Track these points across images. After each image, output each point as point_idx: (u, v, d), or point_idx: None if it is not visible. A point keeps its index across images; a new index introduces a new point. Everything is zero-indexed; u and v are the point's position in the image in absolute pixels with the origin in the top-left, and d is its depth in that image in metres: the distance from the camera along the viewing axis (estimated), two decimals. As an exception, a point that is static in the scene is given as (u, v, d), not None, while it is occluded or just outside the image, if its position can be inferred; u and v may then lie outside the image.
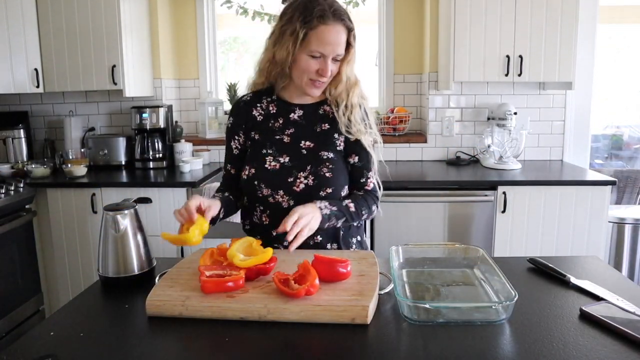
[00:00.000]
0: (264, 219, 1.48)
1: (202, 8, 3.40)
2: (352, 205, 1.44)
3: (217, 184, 2.71)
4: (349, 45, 1.39)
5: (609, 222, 2.97)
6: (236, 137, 1.52)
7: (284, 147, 1.46)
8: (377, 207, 1.52)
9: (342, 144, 1.48)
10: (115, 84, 2.93)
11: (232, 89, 3.31)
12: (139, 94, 3.09)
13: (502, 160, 2.99)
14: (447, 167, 3.08)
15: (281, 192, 1.43)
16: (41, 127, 3.42)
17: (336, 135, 1.47)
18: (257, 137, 1.48)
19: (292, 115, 1.48)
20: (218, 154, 3.37)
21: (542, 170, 2.96)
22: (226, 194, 1.53)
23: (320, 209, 1.34)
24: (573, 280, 1.20)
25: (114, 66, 2.92)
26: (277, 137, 1.47)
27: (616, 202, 3.57)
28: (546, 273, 1.28)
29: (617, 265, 3.06)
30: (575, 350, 0.91)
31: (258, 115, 1.50)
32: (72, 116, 3.29)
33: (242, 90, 3.33)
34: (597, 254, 2.56)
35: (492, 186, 2.65)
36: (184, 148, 3.21)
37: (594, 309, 1.04)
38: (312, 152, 1.45)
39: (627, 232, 3.03)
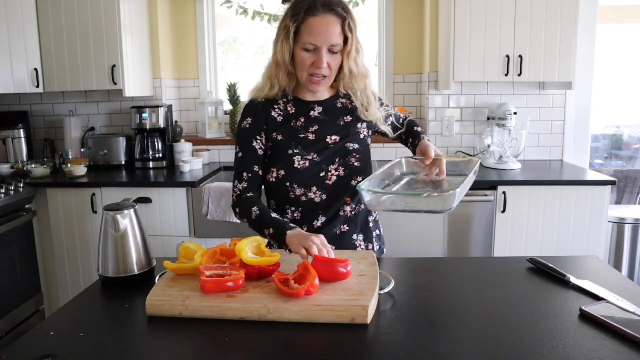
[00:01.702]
0: (296, 215, 1.48)
1: (202, 8, 3.40)
2: (418, 128, 1.66)
3: (217, 184, 2.72)
4: (347, 38, 1.38)
5: (609, 222, 2.97)
6: (258, 138, 1.47)
7: (310, 145, 1.46)
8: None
9: (365, 129, 1.52)
10: (115, 84, 2.93)
11: (232, 89, 3.31)
12: (139, 94, 3.09)
13: (502, 160, 2.99)
14: (447, 167, 3.07)
15: (314, 188, 1.45)
16: (41, 127, 3.42)
17: (359, 125, 1.51)
18: (279, 137, 1.46)
19: (312, 113, 1.49)
20: (218, 154, 3.37)
21: (542, 170, 2.96)
22: (263, 202, 1.48)
23: (429, 140, 1.57)
24: (573, 280, 1.20)
25: (114, 66, 2.92)
26: (302, 135, 1.46)
27: (616, 202, 3.57)
28: (546, 273, 1.28)
29: (617, 265, 3.06)
30: (575, 350, 0.91)
31: (278, 117, 1.48)
32: (72, 116, 3.29)
33: (242, 90, 3.33)
34: (597, 254, 2.56)
35: (492, 186, 2.65)
36: (184, 148, 3.21)
37: (594, 309, 1.04)
38: (338, 145, 1.47)
39: (627, 232, 3.03)
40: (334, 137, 1.47)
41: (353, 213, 1.50)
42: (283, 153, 1.45)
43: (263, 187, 1.52)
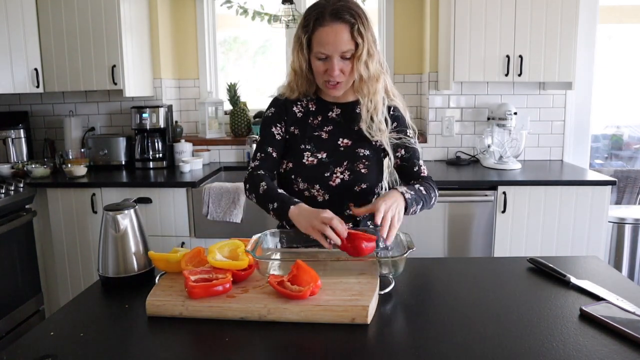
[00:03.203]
0: None
1: (202, 8, 3.40)
2: (423, 188, 1.42)
3: (217, 184, 2.72)
4: (357, 43, 1.38)
5: (609, 222, 2.97)
6: (278, 125, 1.52)
7: (322, 143, 1.49)
8: (436, 193, 1.50)
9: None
10: (115, 84, 2.93)
11: (232, 89, 3.31)
12: (139, 94, 3.09)
13: (502, 160, 2.99)
14: (447, 167, 3.08)
15: (317, 186, 1.47)
16: (41, 127, 3.42)
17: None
18: (296, 132, 1.51)
19: (330, 113, 1.52)
20: (218, 154, 3.37)
21: (542, 170, 2.96)
22: (274, 181, 1.49)
23: (403, 193, 1.32)
24: (573, 280, 1.20)
25: (114, 66, 2.92)
26: (316, 133, 1.50)
27: (616, 202, 3.57)
28: (546, 273, 1.28)
29: (617, 265, 3.06)
30: (575, 350, 0.91)
31: (298, 112, 1.53)
32: (72, 116, 3.29)
33: (242, 90, 3.33)
34: (597, 254, 2.56)
35: (492, 186, 2.65)
36: (184, 148, 3.21)
37: (594, 309, 1.04)
38: (349, 149, 1.49)
39: (627, 232, 3.03)
40: (345, 140, 1.50)
41: (357, 218, 1.51)
42: (296, 147, 1.50)
43: (276, 176, 1.55)
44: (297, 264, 1.12)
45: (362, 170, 1.48)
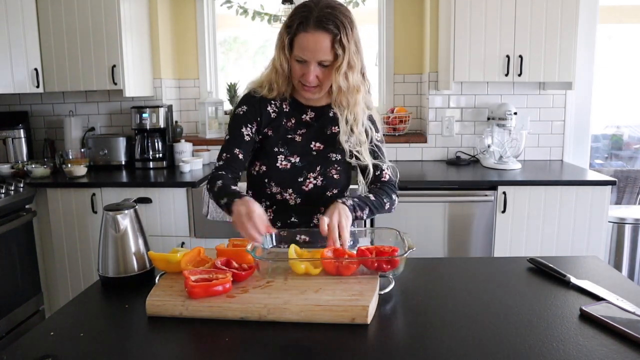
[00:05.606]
0: (268, 213, 1.51)
1: (202, 8, 3.40)
2: (371, 195, 1.45)
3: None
4: (337, 54, 1.35)
5: (609, 222, 2.97)
6: (249, 126, 1.48)
7: (295, 146, 1.48)
8: (396, 196, 1.53)
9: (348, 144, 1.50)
10: (115, 84, 2.93)
11: (232, 89, 3.31)
12: (139, 94, 3.09)
13: (502, 160, 2.99)
14: (447, 167, 3.08)
15: (290, 190, 1.48)
16: (41, 127, 3.42)
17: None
18: (270, 133, 1.49)
19: (304, 116, 1.51)
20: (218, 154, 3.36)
21: (542, 170, 2.96)
22: (237, 182, 1.47)
23: (343, 202, 1.33)
24: (573, 280, 1.20)
25: (114, 66, 2.92)
26: (289, 136, 1.49)
27: (616, 202, 3.57)
28: (546, 273, 1.28)
29: (617, 265, 3.06)
30: (575, 350, 0.91)
31: (272, 112, 1.50)
32: (72, 116, 3.29)
33: (242, 91, 3.32)
34: (597, 254, 2.56)
35: (492, 186, 2.65)
36: (184, 148, 3.21)
37: (594, 309, 1.04)
38: (321, 153, 1.49)
39: (627, 232, 3.03)
40: (317, 144, 1.50)
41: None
42: (269, 149, 1.49)
43: (247, 176, 1.56)
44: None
45: (335, 176, 1.50)
